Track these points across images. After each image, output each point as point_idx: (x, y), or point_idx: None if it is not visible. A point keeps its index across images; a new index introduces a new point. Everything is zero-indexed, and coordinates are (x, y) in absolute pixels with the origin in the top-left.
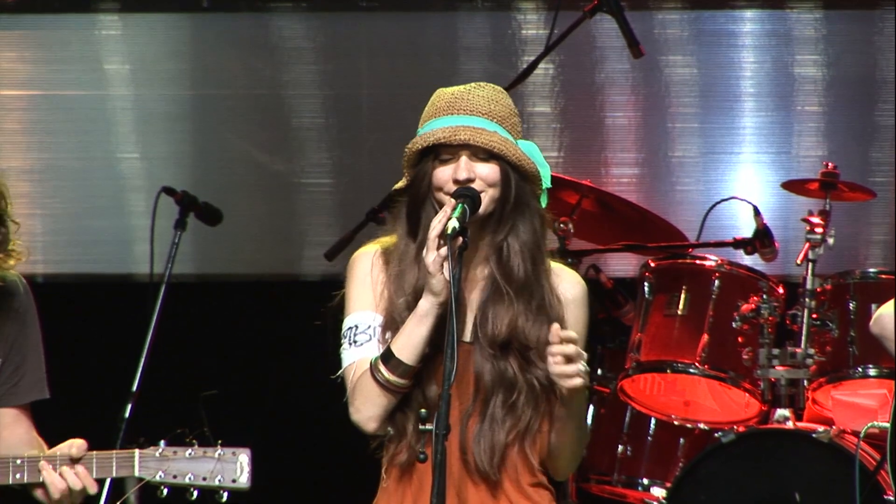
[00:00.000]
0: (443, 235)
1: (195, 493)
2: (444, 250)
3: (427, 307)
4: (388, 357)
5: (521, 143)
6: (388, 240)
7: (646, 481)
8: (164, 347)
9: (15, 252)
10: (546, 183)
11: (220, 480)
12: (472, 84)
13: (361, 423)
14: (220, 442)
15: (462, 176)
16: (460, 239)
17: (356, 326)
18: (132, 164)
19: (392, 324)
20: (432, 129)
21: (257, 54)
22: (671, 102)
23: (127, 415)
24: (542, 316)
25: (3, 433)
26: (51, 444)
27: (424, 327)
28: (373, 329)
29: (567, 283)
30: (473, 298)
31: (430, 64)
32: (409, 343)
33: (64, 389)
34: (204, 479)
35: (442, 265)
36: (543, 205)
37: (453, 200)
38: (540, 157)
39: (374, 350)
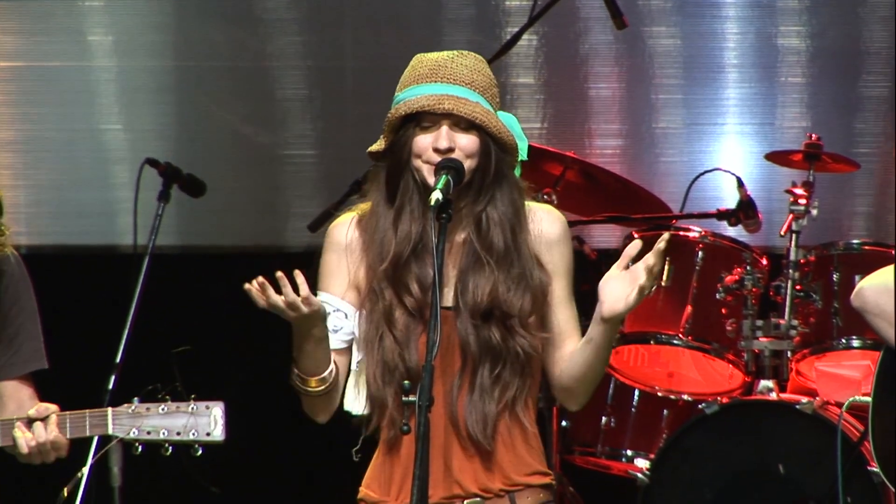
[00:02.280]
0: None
1: (170, 449)
2: (279, 298)
3: (318, 334)
4: (301, 379)
5: (501, 114)
6: (365, 206)
7: (630, 453)
8: (147, 319)
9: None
10: (522, 155)
11: (194, 434)
12: (455, 52)
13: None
14: (192, 396)
15: (443, 145)
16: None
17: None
18: (116, 135)
19: (372, 294)
20: (416, 95)
21: (241, 26)
22: (655, 73)
23: (111, 386)
24: (522, 285)
25: (8, 405)
26: None
27: (322, 347)
28: (333, 320)
29: (548, 223)
30: (452, 264)
31: (415, 35)
32: (313, 363)
33: (48, 361)
34: (178, 434)
35: (291, 308)
36: (517, 176)
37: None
38: (518, 130)
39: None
